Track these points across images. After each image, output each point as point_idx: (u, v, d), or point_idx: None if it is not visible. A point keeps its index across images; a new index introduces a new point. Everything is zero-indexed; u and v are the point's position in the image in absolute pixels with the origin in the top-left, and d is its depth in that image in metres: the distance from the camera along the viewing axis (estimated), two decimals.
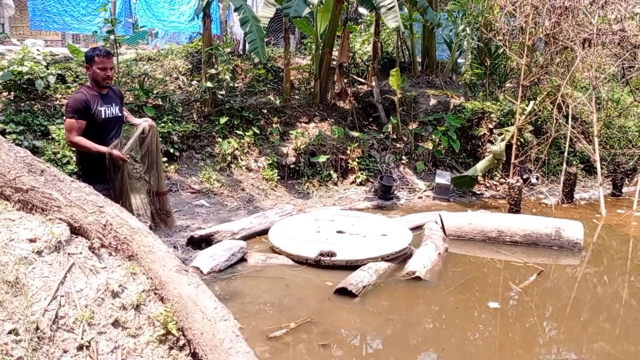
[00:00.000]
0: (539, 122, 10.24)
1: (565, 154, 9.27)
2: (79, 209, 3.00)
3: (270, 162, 8.65)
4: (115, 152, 4.32)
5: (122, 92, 9.01)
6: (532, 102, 9.33)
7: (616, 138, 10.72)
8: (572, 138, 9.27)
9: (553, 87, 9.96)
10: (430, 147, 9.84)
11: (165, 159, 8.24)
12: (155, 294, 2.85)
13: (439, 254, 6.32)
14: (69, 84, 8.73)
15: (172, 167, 8.27)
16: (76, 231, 3.04)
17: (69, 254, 2.86)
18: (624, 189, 9.82)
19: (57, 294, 2.65)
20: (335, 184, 8.93)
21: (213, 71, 9.00)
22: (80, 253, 2.91)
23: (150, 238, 2.99)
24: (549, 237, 6.78)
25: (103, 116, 4.43)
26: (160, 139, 8.27)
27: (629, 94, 11.18)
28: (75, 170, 5.18)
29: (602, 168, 9.18)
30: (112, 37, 8.54)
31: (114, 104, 4.59)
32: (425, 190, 9.13)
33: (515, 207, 8.17)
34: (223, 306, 2.71)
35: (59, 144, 7.53)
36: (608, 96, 10.97)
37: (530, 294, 5.63)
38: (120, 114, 4.67)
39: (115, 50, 8.59)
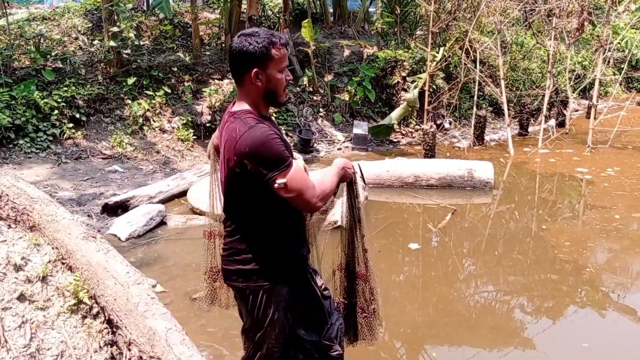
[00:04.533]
0: (450, 68, 10.48)
1: (475, 97, 9.58)
2: None
3: (184, 122, 8.37)
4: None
5: (17, 56, 8.42)
6: (442, 49, 9.51)
7: (521, 80, 11.17)
8: (480, 82, 9.57)
9: (461, 33, 10.18)
10: (347, 98, 9.86)
11: (71, 124, 7.79)
12: (63, 263, 2.70)
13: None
14: None
15: (79, 133, 7.83)
16: None
17: None
18: (530, 129, 10.31)
19: None
20: None
21: (115, 29, 8.49)
22: None
23: (52, 206, 2.81)
24: (462, 179, 7.04)
25: None
26: (64, 104, 7.83)
27: (532, 37, 11.62)
28: None
29: (509, 109, 9.57)
30: None
31: None
32: (344, 142, 9.19)
33: (430, 152, 8.40)
34: (136, 270, 2.61)
35: None
36: (512, 40, 11.35)
37: (448, 234, 5.86)
38: None
39: (3, 10, 7.90)
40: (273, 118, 2.68)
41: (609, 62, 12.45)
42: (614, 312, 4.43)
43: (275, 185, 2.11)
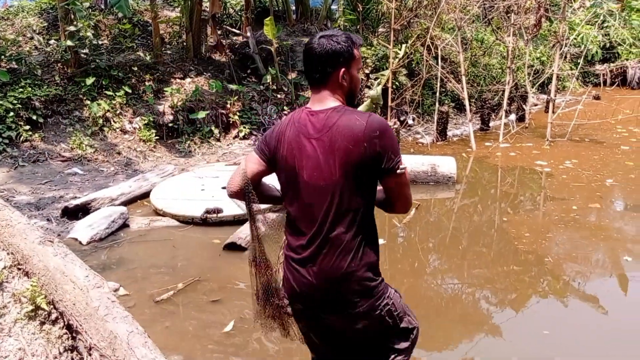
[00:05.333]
0: (412, 65, 10.57)
1: (437, 94, 9.69)
2: None
3: (146, 122, 8.24)
4: None
5: None
6: (404, 46, 9.59)
7: (482, 76, 11.35)
8: (442, 78, 9.69)
9: (422, 30, 10.28)
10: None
11: (28, 127, 7.58)
12: (19, 269, 2.62)
13: None
14: None
15: (36, 135, 7.62)
16: None
17: None
18: (491, 123, 10.50)
19: None
20: (218, 140, 8.72)
21: (72, 28, 8.29)
22: None
23: (6, 211, 2.72)
24: (425, 174, 7.12)
25: None
26: (20, 106, 7.61)
27: (491, 34, 11.82)
28: None
29: (470, 105, 9.71)
30: None
31: None
32: None
33: None
34: (96, 273, 2.55)
35: None
36: (473, 36, 11.52)
37: (413, 229, 5.92)
38: None
39: None
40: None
41: (565, 57, 12.75)
42: (574, 300, 4.55)
43: (400, 168, 2.13)
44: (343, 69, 2.16)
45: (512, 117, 10.57)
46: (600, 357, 3.68)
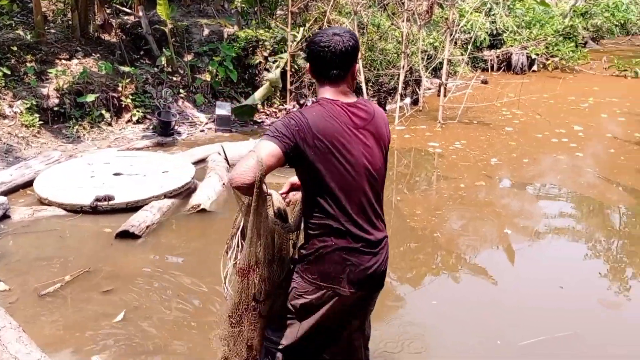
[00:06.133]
0: None
1: None
2: None
3: (28, 106, 7.66)
4: None
5: None
6: (302, 29, 9.60)
7: (379, 60, 11.62)
8: None
9: (320, 14, 10.34)
10: (208, 79, 9.63)
11: None
12: None
13: (224, 184, 6.32)
14: None
15: None
16: None
17: None
18: (387, 107, 10.79)
19: None
20: (110, 124, 8.31)
21: None
22: None
23: None
24: None
25: None
26: None
27: (387, 19, 12.12)
28: None
29: (367, 89, 9.93)
30: None
31: None
32: (207, 123, 8.99)
33: None
34: None
35: None
36: (369, 21, 11.74)
37: None
38: None
39: None
40: None
41: (456, 43, 13.34)
42: (465, 272, 4.81)
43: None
44: (356, 65, 2.40)
45: (407, 100, 10.93)
46: (485, 323, 3.94)
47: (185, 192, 6.07)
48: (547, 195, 6.80)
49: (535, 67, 15.58)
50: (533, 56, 15.37)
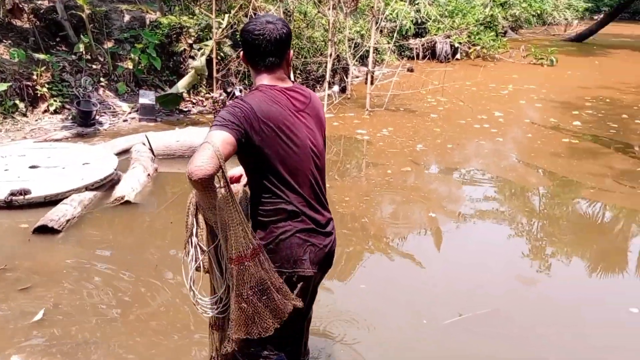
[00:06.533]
0: (236, 36, 10.44)
1: None
2: None
3: None
4: None
5: None
6: (227, 16, 9.42)
7: (306, 48, 11.61)
8: None
9: (245, 0, 10.18)
10: (131, 67, 9.30)
11: None
12: None
13: (149, 175, 6.15)
14: None
15: None
16: None
17: None
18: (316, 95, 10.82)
19: None
20: (25, 115, 7.87)
21: None
22: None
23: None
24: None
25: None
26: None
27: (314, 6, 12.10)
28: None
29: (296, 77, 9.91)
30: None
31: None
32: (130, 113, 8.68)
33: None
34: None
35: None
36: (296, 8, 11.69)
37: None
38: None
39: None
40: None
41: (382, 31, 13.54)
42: (393, 255, 4.91)
43: None
44: (290, 51, 2.44)
45: (335, 88, 10.98)
46: (412, 305, 4.04)
47: (108, 184, 5.85)
48: (471, 180, 7.04)
49: (458, 56, 16.07)
50: (456, 45, 15.84)
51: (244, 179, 2.56)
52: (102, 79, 8.93)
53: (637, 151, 8.27)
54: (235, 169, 2.62)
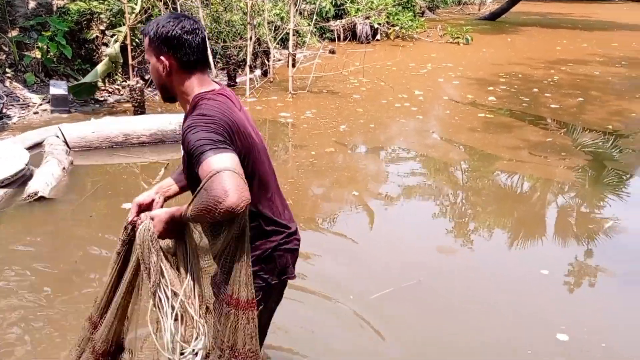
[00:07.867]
0: (150, 21, 10.09)
1: None
2: None
3: None
4: None
5: None
6: (140, 0, 9.09)
7: (225, 32, 11.41)
8: None
9: None
10: (39, 56, 8.81)
11: None
12: None
13: (64, 168, 5.89)
14: None
15: None
16: None
17: None
18: (238, 79, 10.66)
19: None
20: None
21: None
22: None
23: None
24: (174, 133, 6.96)
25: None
26: None
27: None
28: None
29: (216, 62, 9.73)
30: None
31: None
32: (41, 104, 8.25)
33: (140, 109, 8.09)
34: None
35: None
36: None
37: None
38: None
39: None
40: None
41: (302, 13, 13.51)
42: (323, 235, 4.95)
43: None
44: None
45: (257, 72, 10.89)
46: (339, 282, 4.11)
47: (20, 180, 5.56)
48: (397, 158, 7.19)
49: (378, 37, 16.29)
50: (376, 26, 16.04)
51: (157, 205, 2.36)
52: (7, 69, 8.42)
53: (548, 123, 8.72)
54: (144, 195, 2.39)
